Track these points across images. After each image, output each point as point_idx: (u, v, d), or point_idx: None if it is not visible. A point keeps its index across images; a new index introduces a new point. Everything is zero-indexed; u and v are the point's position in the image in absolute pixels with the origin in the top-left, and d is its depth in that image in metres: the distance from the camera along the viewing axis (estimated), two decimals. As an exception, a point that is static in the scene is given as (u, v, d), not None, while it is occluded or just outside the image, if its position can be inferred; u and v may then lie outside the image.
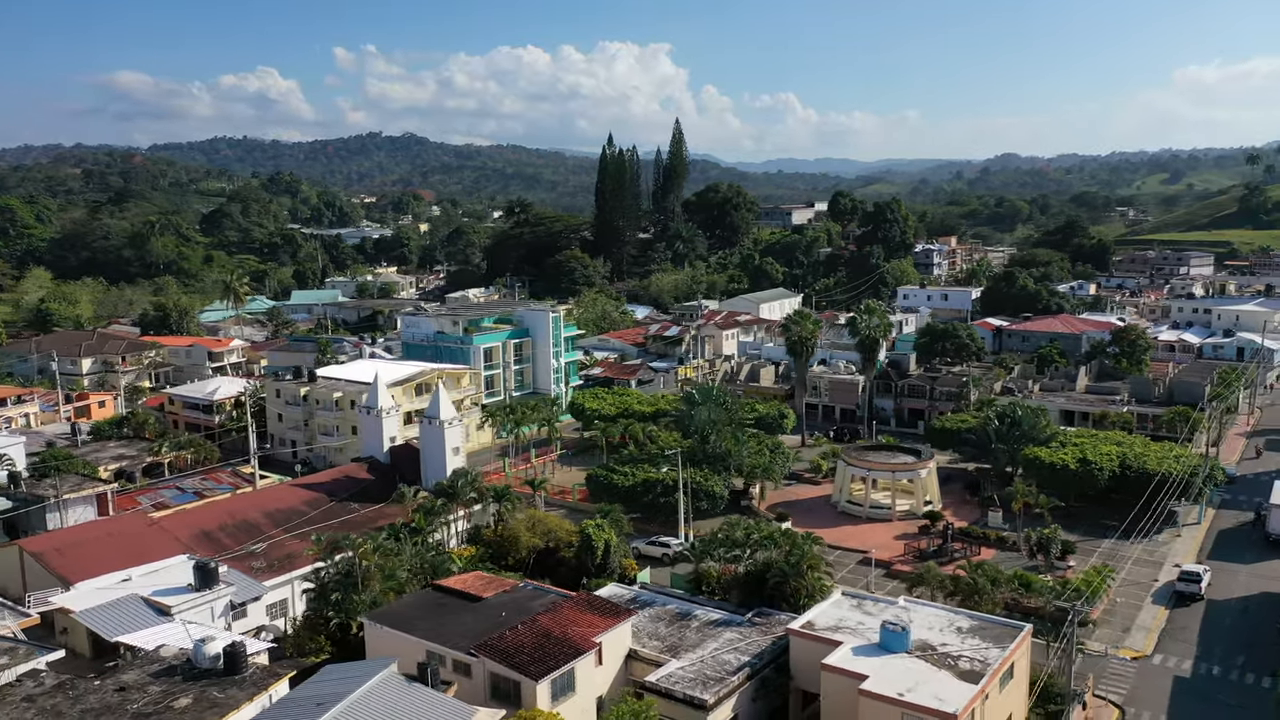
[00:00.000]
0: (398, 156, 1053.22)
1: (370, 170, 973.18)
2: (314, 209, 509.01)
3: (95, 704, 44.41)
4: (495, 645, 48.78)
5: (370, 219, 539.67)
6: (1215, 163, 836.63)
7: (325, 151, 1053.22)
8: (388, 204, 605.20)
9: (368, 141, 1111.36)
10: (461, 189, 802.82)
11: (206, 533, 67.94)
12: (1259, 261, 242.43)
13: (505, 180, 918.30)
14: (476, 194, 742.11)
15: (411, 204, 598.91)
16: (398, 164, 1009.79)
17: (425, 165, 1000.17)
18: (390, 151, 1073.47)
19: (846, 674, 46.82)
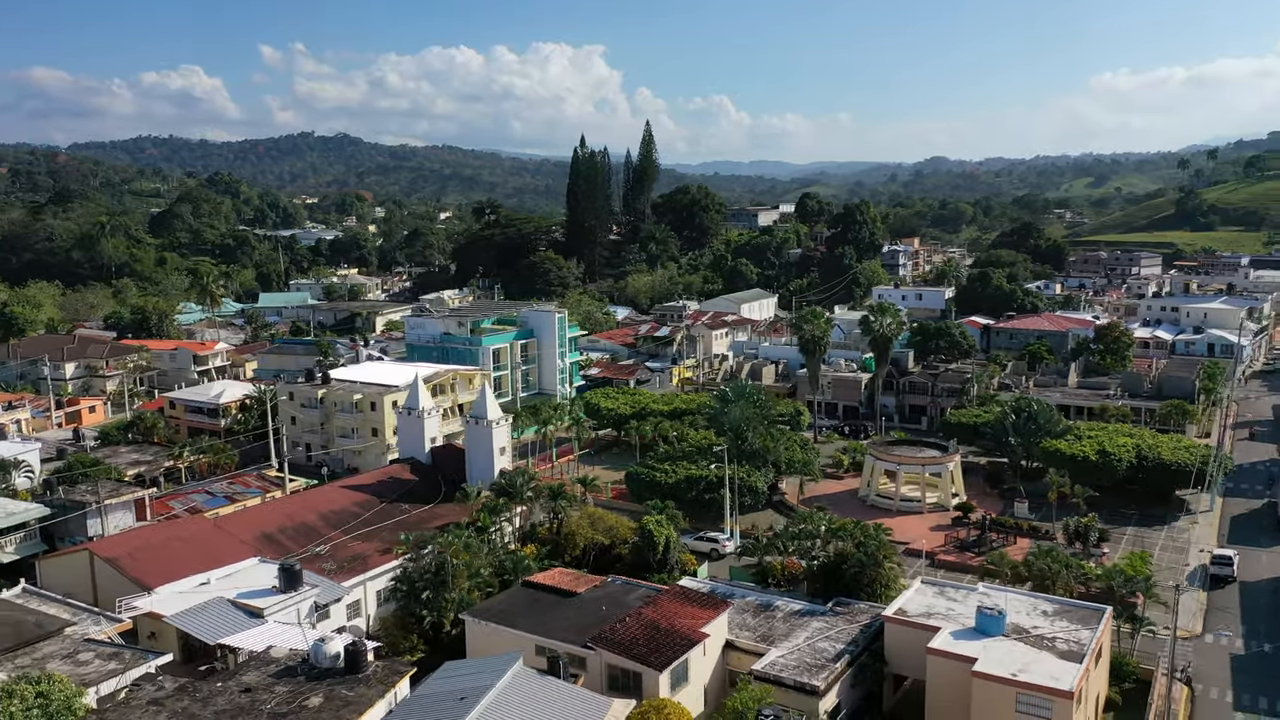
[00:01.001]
0: (331, 157, 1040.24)
1: (303, 171, 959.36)
2: (256, 210, 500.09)
3: (226, 705, 44.32)
4: (610, 638, 49.70)
5: (314, 220, 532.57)
6: (1136, 167, 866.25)
7: (256, 151, 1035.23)
8: (331, 205, 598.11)
9: (299, 141, 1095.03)
10: (399, 190, 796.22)
11: (268, 535, 67.45)
12: (1206, 262, 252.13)
13: (443, 181, 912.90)
14: (414, 195, 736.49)
15: (356, 205, 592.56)
16: (331, 164, 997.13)
17: (360, 166, 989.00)
18: (323, 152, 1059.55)
19: (954, 657, 48.69)
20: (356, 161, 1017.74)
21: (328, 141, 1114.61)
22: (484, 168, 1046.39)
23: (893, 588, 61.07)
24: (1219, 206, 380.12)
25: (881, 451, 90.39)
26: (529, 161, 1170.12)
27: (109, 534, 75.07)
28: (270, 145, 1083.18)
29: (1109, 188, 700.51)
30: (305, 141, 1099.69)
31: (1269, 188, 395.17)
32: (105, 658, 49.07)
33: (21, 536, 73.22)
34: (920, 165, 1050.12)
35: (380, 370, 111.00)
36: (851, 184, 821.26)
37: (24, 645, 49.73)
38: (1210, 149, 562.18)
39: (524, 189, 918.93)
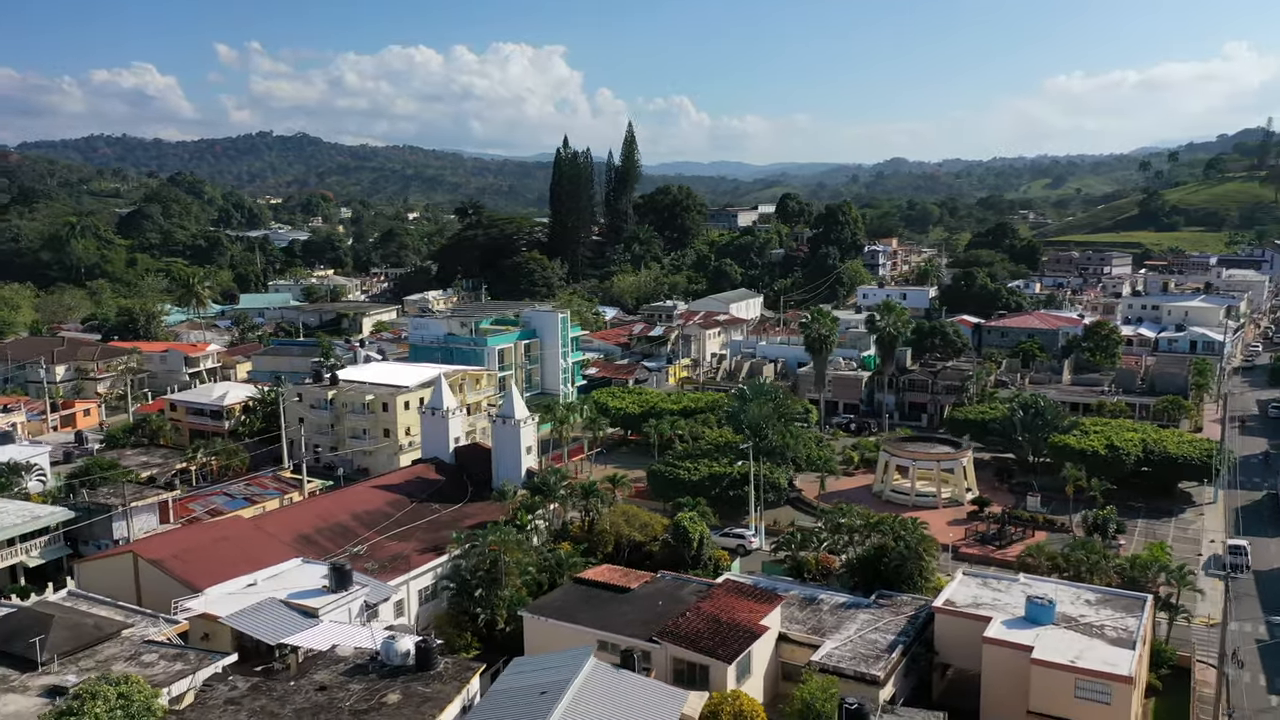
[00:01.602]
0: (290, 157, 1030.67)
1: (261, 171, 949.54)
2: (221, 210, 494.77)
3: (304, 703, 44.50)
4: (676, 632, 50.43)
5: (279, 220, 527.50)
6: (1092, 169, 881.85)
7: (213, 151, 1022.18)
8: (296, 205, 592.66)
9: (257, 141, 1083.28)
10: (360, 190, 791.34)
11: (305, 535, 67.28)
12: (1175, 261, 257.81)
13: (405, 181, 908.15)
14: (376, 195, 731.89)
15: (321, 205, 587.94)
16: (290, 164, 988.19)
17: (320, 166, 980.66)
18: (281, 151, 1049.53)
19: (1011, 646, 49.96)
20: (316, 161, 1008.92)
21: (287, 141, 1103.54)
22: (446, 168, 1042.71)
23: (930, 580, 62.40)
24: (1181, 207, 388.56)
25: (895, 448, 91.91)
26: (491, 162, 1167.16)
27: (134, 537, 74.56)
28: (228, 145, 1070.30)
29: (1068, 189, 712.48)
30: (264, 141, 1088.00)
31: (1229, 189, 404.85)
32: (169, 659, 48.85)
33: (46, 540, 72.45)
34: (881, 166, 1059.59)
35: (387, 371, 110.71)
36: (814, 185, 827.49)
37: (84, 648, 49.40)
38: (1171, 151, 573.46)
39: (486, 189, 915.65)
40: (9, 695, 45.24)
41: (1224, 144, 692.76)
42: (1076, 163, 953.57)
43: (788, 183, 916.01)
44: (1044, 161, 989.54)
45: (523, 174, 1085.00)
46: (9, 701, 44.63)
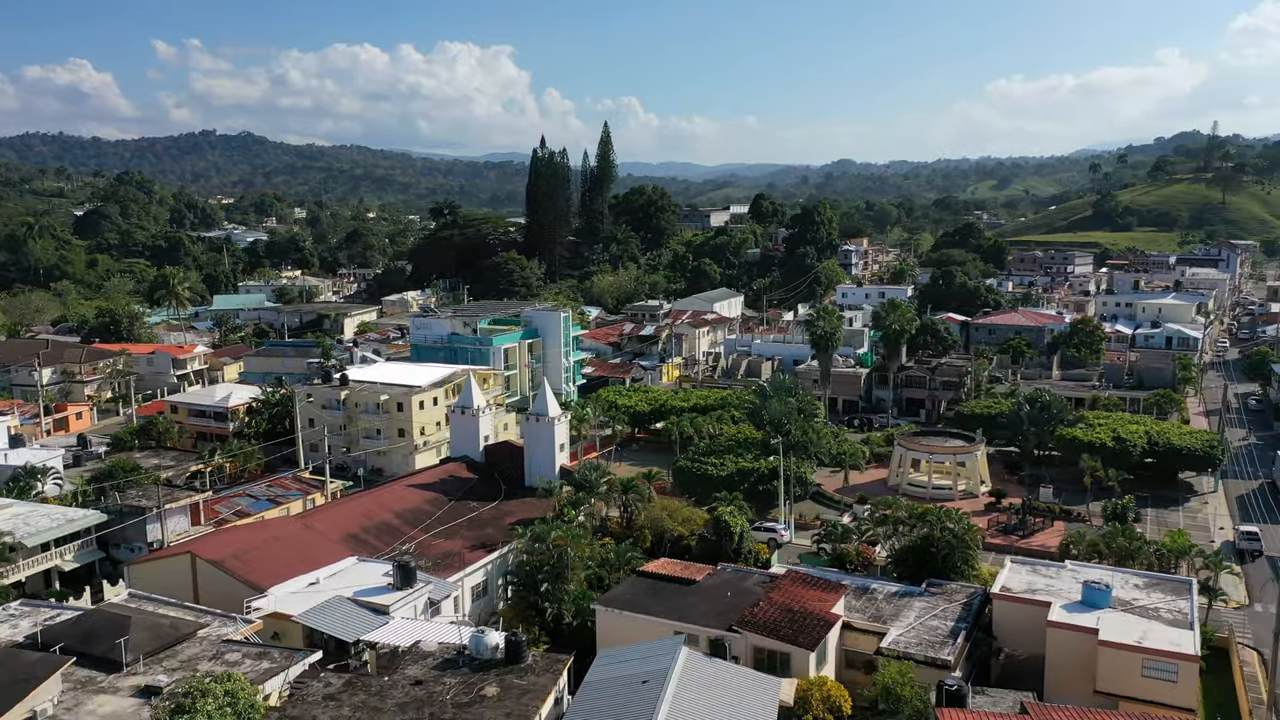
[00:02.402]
0: (234, 156, 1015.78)
1: (206, 170, 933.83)
2: (173, 210, 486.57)
3: (404, 698, 44.84)
4: (754, 621, 51.50)
5: (231, 220, 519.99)
6: (1036, 170, 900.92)
7: (154, 150, 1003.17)
8: (249, 206, 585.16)
9: (200, 140, 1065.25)
10: (309, 190, 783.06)
11: (352, 534, 67.24)
12: (1136, 260, 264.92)
13: (354, 181, 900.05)
14: (325, 195, 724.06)
15: (275, 206, 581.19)
16: (235, 164, 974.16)
17: (266, 165, 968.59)
18: (226, 151, 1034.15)
19: (1076, 629, 51.80)
20: (262, 161, 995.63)
21: (231, 140, 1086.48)
22: (395, 168, 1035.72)
23: (974, 568, 64.24)
24: (1133, 208, 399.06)
25: (910, 442, 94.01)
26: (440, 162, 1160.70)
27: (168, 539, 73.93)
28: (169, 144, 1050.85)
29: (1014, 189, 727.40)
30: (207, 140, 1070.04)
31: (1177, 191, 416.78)
32: (254, 657, 48.77)
33: (79, 544, 71.49)
34: (829, 167, 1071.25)
35: (396, 371, 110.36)
36: (763, 186, 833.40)
37: (164, 648, 49.11)
38: (1120, 153, 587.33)
39: (438, 190, 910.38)
40: (101, 696, 44.92)
41: (1162, 147, 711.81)
42: (1021, 164, 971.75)
43: (737, 184, 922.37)
44: (988, 163, 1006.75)
45: (473, 174, 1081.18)
46: (103, 702, 44.34)
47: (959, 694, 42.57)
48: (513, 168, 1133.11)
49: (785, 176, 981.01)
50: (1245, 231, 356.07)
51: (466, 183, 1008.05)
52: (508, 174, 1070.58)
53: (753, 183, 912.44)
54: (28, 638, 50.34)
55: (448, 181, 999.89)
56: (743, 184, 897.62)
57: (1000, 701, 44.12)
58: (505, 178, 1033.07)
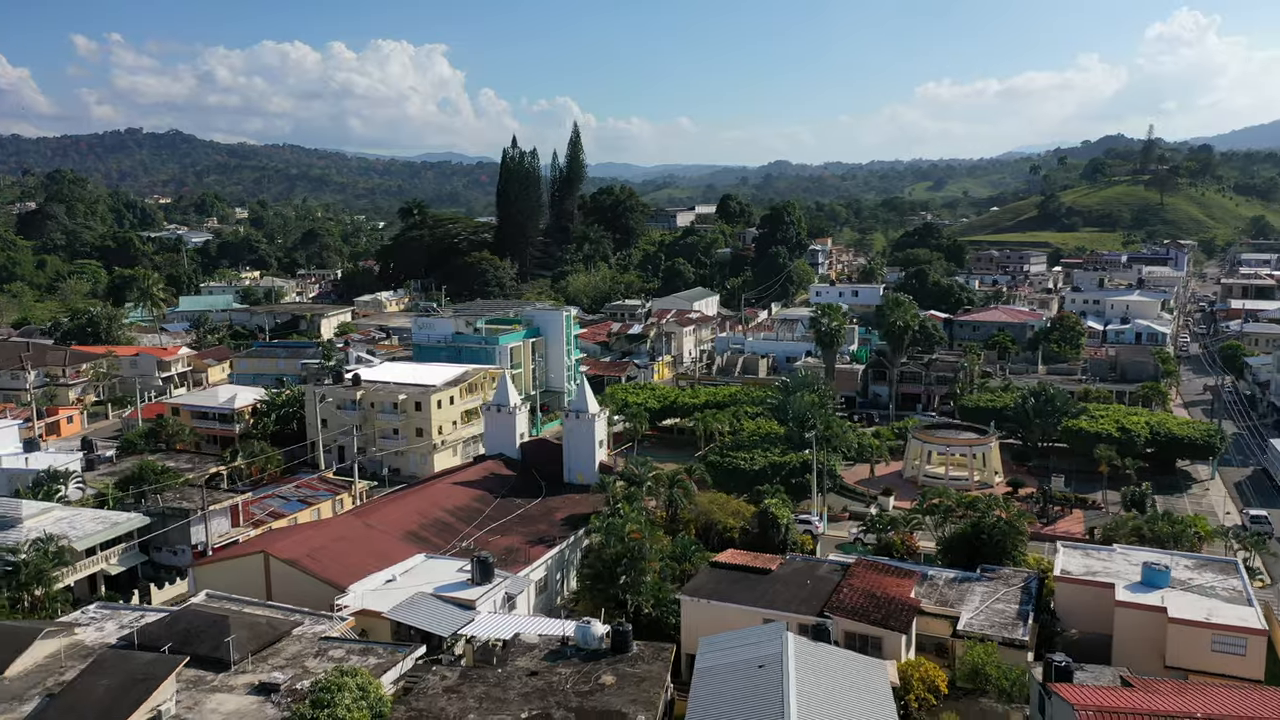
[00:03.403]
0: (163, 155, 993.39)
1: (133, 169, 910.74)
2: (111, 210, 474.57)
3: (526, 688, 45.54)
4: (843, 606, 53.09)
5: (171, 220, 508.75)
6: (969, 172, 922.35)
7: (77, 148, 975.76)
8: (189, 206, 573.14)
9: (127, 138, 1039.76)
10: (243, 190, 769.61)
11: (411, 531, 67.48)
12: (1089, 259, 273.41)
13: (290, 181, 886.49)
14: (259, 195, 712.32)
15: (216, 206, 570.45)
16: (164, 163, 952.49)
17: (197, 164, 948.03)
18: (154, 149, 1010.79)
19: (1144, 608, 54.32)
20: (192, 160, 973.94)
21: (159, 139, 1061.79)
22: (330, 167, 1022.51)
23: (1024, 553, 66.67)
24: (1076, 209, 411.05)
25: (925, 435, 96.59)
26: (376, 162, 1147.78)
27: (211, 541, 73.17)
28: (94, 141, 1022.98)
29: (950, 190, 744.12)
30: (133, 138, 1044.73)
31: (1118, 192, 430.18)
32: (359, 653, 49.00)
33: (122, 548, 70.40)
34: (767, 168, 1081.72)
35: (404, 371, 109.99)
36: (703, 187, 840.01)
37: (265, 646, 49.10)
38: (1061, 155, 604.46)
39: (376, 190, 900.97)
40: (218, 695, 44.85)
41: (1090, 150, 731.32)
42: (954, 166, 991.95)
43: (676, 184, 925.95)
44: (921, 165, 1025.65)
45: (411, 174, 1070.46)
46: (223, 701, 44.30)
47: (1068, 669, 44.58)
48: (450, 168, 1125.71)
49: (724, 177, 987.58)
50: (1183, 232, 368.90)
51: (405, 183, 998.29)
52: (445, 174, 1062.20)
53: (691, 183, 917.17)
54: (121, 639, 49.95)
55: (385, 181, 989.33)
56: (681, 185, 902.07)
57: (1100, 676, 46.24)
58: (444, 178, 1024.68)
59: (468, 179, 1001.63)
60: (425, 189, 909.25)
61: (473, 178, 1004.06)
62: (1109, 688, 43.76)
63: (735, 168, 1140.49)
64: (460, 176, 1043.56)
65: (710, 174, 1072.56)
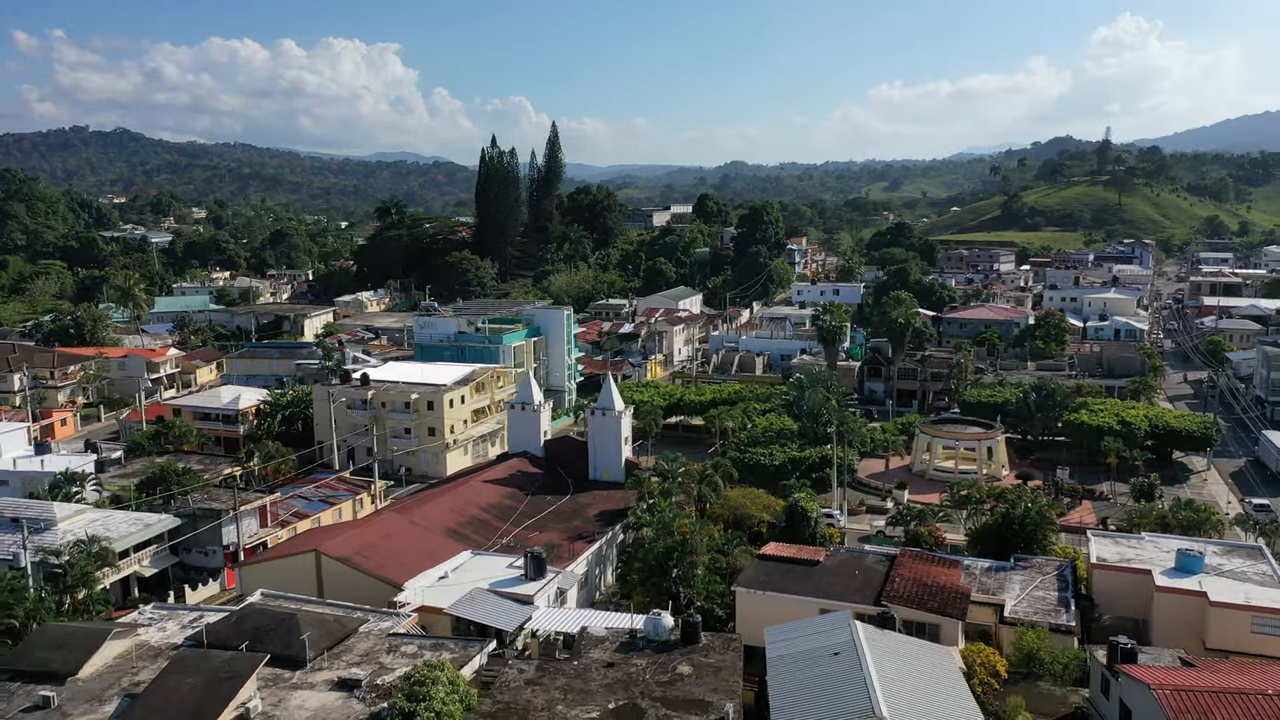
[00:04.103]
0: (110, 153, 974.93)
1: (79, 168, 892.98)
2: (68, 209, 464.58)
3: (605, 679, 46.19)
4: (899, 595, 54.30)
5: (127, 220, 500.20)
6: (923, 173, 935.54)
7: (20, 146, 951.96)
8: (145, 205, 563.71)
9: (72, 136, 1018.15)
10: (195, 189, 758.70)
11: (451, 529, 67.81)
12: (1057, 258, 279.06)
13: (243, 180, 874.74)
14: (212, 194, 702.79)
15: (173, 206, 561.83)
16: (111, 162, 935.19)
17: (145, 163, 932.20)
18: (100, 148, 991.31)
19: (1184, 592, 56.25)
20: (140, 159, 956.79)
21: (105, 137, 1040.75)
22: (284, 167, 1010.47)
23: (1054, 542, 68.53)
24: (1038, 209, 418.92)
25: (933, 429, 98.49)
26: (330, 161, 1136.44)
27: (242, 542, 72.76)
28: (38, 139, 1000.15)
29: (908, 191, 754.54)
30: (79, 136, 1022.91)
31: (1077, 192, 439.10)
32: (431, 649, 49.26)
33: (154, 550, 69.76)
34: (724, 169, 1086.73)
35: (410, 370, 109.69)
36: (661, 187, 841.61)
37: (336, 643, 49.22)
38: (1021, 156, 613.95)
39: (331, 189, 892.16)
40: (300, 692, 44.94)
41: (1040, 151, 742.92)
42: (909, 167, 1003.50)
43: (634, 184, 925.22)
44: (876, 165, 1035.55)
45: (366, 174, 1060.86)
46: (307, 697, 44.40)
47: (1133, 651, 46.14)
48: (406, 167, 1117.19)
49: (681, 178, 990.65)
50: (1141, 231, 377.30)
51: (360, 182, 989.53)
52: (401, 174, 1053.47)
53: (649, 183, 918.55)
54: (188, 639, 49.76)
55: (341, 181, 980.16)
56: (640, 185, 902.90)
57: (1160, 658, 47.86)
58: (399, 177, 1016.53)
59: (424, 179, 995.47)
60: (381, 189, 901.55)
61: (429, 177, 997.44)
62: (1175, 668, 45.40)
63: (692, 168, 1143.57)
64: (416, 176, 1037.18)
65: (668, 174, 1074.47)
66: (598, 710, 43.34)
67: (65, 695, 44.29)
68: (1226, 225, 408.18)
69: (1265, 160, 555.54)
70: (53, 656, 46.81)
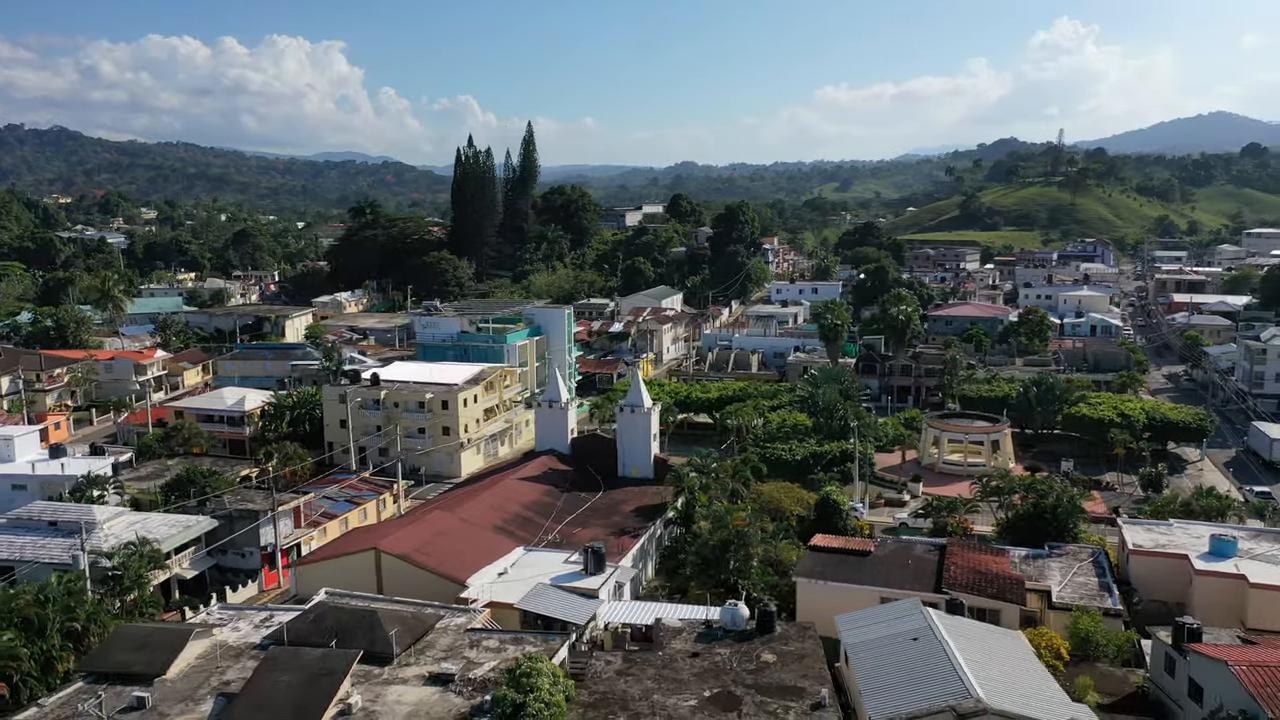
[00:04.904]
0: (47, 152, 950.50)
1: (14, 167, 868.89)
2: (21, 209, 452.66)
3: (694, 668, 47.08)
4: (957, 583, 55.87)
5: (74, 221, 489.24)
6: (871, 174, 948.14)
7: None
8: (93, 206, 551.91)
9: (7, 134, 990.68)
10: (138, 189, 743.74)
11: (498, 525, 68.13)
12: (1022, 257, 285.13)
13: (188, 180, 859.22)
14: (156, 194, 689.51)
15: (123, 206, 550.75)
16: (49, 160, 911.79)
17: (85, 163, 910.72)
18: (37, 146, 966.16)
19: (1224, 575, 58.61)
20: (79, 158, 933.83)
21: (42, 135, 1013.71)
22: (230, 166, 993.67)
23: (1083, 530, 70.74)
24: (995, 209, 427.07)
25: (941, 424, 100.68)
26: (277, 161, 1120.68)
27: (279, 543, 72.37)
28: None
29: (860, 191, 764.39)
30: (14, 134, 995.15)
31: (1032, 193, 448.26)
32: (510, 643, 49.64)
33: (193, 552, 69.12)
34: (676, 169, 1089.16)
35: (420, 370, 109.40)
36: (615, 187, 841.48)
37: (418, 639, 49.45)
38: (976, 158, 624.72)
39: (280, 189, 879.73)
40: (393, 687, 45.12)
41: (985, 152, 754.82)
42: (858, 167, 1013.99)
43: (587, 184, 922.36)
44: (825, 166, 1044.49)
45: (314, 173, 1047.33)
46: (403, 692, 44.59)
47: (1199, 631, 48.10)
48: (355, 167, 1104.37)
49: (634, 178, 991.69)
50: (1095, 231, 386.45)
51: (309, 182, 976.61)
52: (350, 174, 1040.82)
53: (602, 183, 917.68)
54: (266, 638, 49.61)
55: (289, 181, 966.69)
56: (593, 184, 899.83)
57: (1219, 637, 49.92)
58: (348, 177, 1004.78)
59: (373, 179, 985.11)
60: (329, 189, 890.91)
61: (378, 177, 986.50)
62: (1240, 646, 47.42)
63: (644, 168, 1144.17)
64: (365, 176, 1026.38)
65: (620, 174, 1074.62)
66: (694, 699, 44.15)
67: (158, 695, 44.05)
68: (1176, 225, 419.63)
69: (1206, 162, 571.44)
70: (135, 658, 46.44)
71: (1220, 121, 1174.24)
